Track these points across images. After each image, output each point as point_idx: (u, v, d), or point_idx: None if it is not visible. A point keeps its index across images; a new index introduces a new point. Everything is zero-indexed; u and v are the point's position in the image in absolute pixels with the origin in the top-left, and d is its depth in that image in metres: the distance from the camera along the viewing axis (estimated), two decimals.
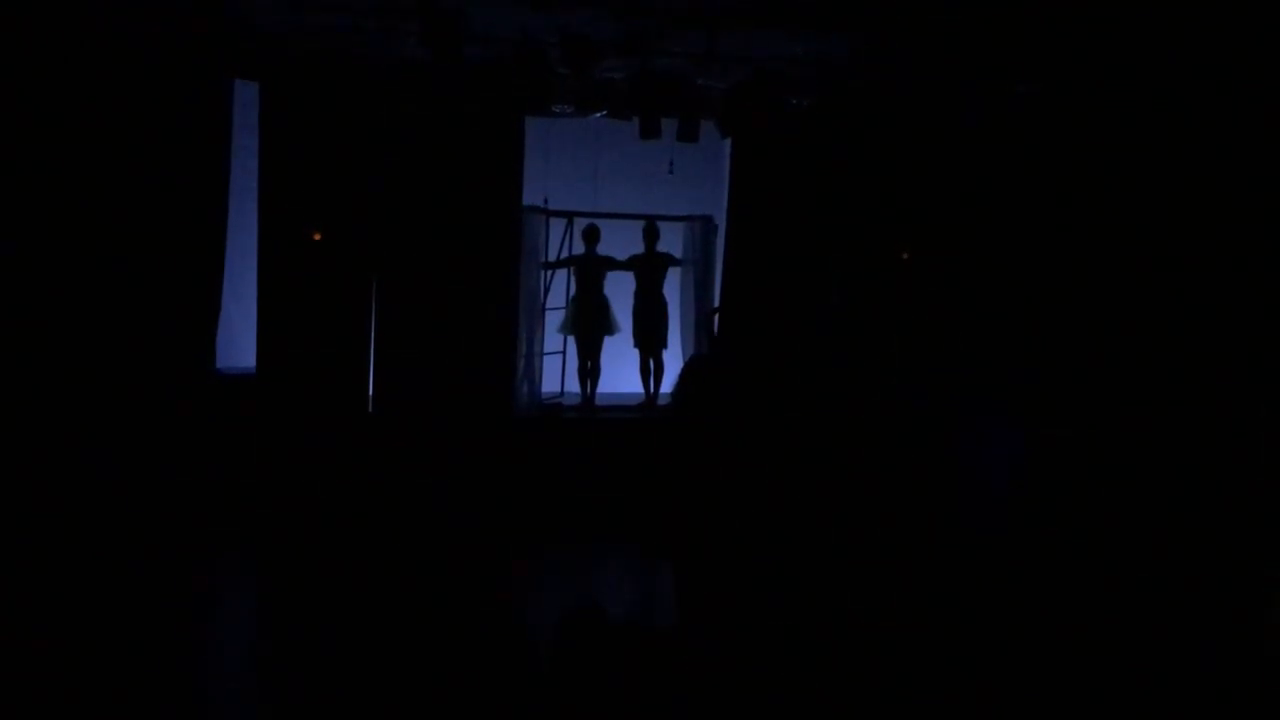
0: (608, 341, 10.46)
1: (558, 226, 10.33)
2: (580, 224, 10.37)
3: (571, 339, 10.51)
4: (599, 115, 9.91)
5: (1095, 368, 9.11)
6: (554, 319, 10.45)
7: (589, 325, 10.33)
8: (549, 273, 10.32)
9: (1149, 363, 8.67)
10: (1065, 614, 7.01)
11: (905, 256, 10.55)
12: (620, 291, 10.53)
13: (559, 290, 10.48)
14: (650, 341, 10.52)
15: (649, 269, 10.47)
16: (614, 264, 10.43)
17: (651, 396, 10.50)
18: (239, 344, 9.62)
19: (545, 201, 10.19)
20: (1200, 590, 7.07)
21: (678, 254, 10.65)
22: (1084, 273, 9.42)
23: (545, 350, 10.31)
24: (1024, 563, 8.08)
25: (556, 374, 10.57)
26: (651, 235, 10.45)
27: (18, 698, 5.40)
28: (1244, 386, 7.93)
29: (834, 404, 10.25)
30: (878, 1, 7.66)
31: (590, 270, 10.35)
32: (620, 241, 10.52)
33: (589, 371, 10.43)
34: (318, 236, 9.27)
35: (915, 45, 8.67)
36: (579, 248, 10.40)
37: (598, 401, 10.47)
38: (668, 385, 9.90)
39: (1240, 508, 7.56)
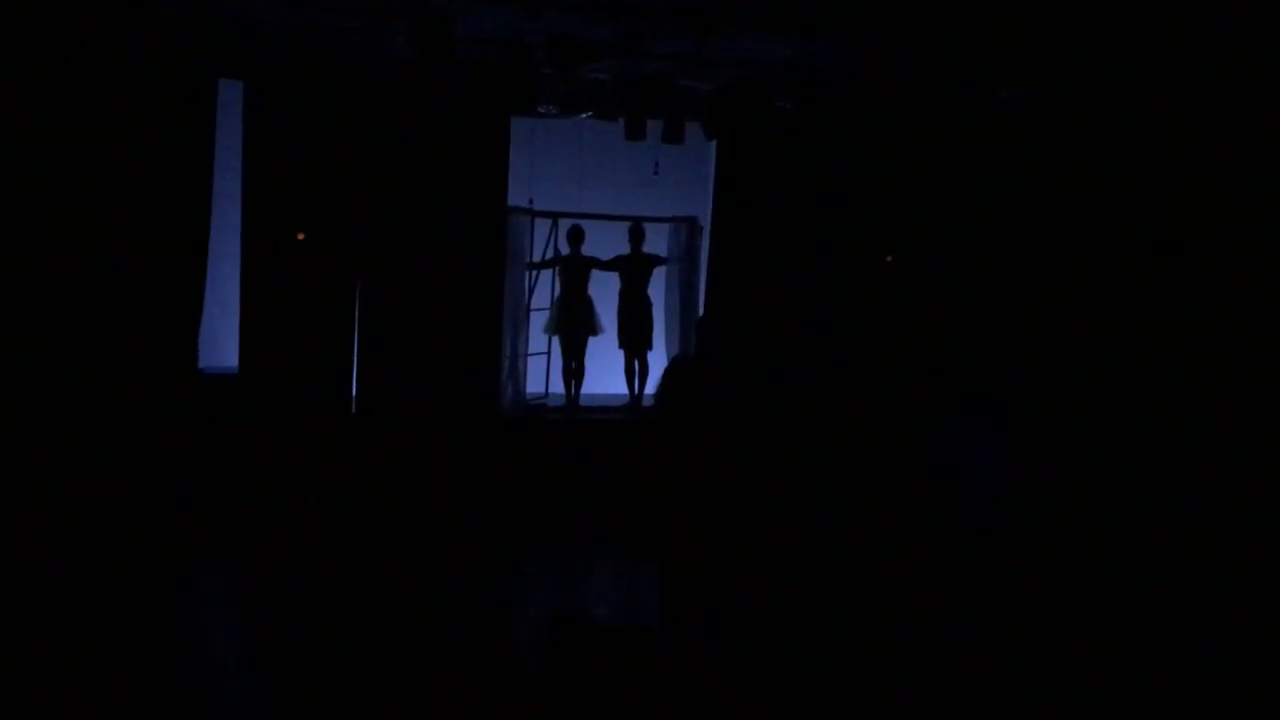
0: (592, 342, 10.45)
1: (543, 227, 10.32)
2: (565, 224, 10.36)
3: (556, 339, 10.50)
4: (585, 116, 9.90)
5: (1089, 369, 9.16)
6: (539, 319, 10.44)
7: (573, 326, 10.33)
8: (534, 273, 10.31)
9: (1143, 364, 8.72)
10: (1058, 613, 7.04)
11: (889, 259, 10.59)
12: (606, 292, 10.53)
13: (544, 291, 10.47)
14: (635, 342, 10.52)
15: (634, 270, 10.47)
16: (599, 264, 10.43)
17: (636, 397, 10.50)
18: (222, 344, 9.58)
19: (530, 202, 10.18)
20: (1196, 590, 7.11)
21: (662, 255, 10.66)
22: (1075, 274, 9.47)
23: (530, 351, 10.30)
24: (1016, 563, 8.12)
25: (541, 374, 10.56)
26: (638, 236, 10.45)
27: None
28: (1240, 386, 7.97)
29: (822, 404, 10.28)
30: (864, 5, 7.67)
31: (575, 271, 10.34)
32: (605, 242, 10.52)
33: (573, 372, 10.42)
34: (301, 236, 9.23)
35: (901, 48, 8.70)
36: (564, 248, 10.39)
37: (582, 402, 10.46)
38: (652, 386, 9.93)
39: (1237, 508, 7.61)
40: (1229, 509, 7.71)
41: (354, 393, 9.58)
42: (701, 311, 10.50)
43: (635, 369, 10.55)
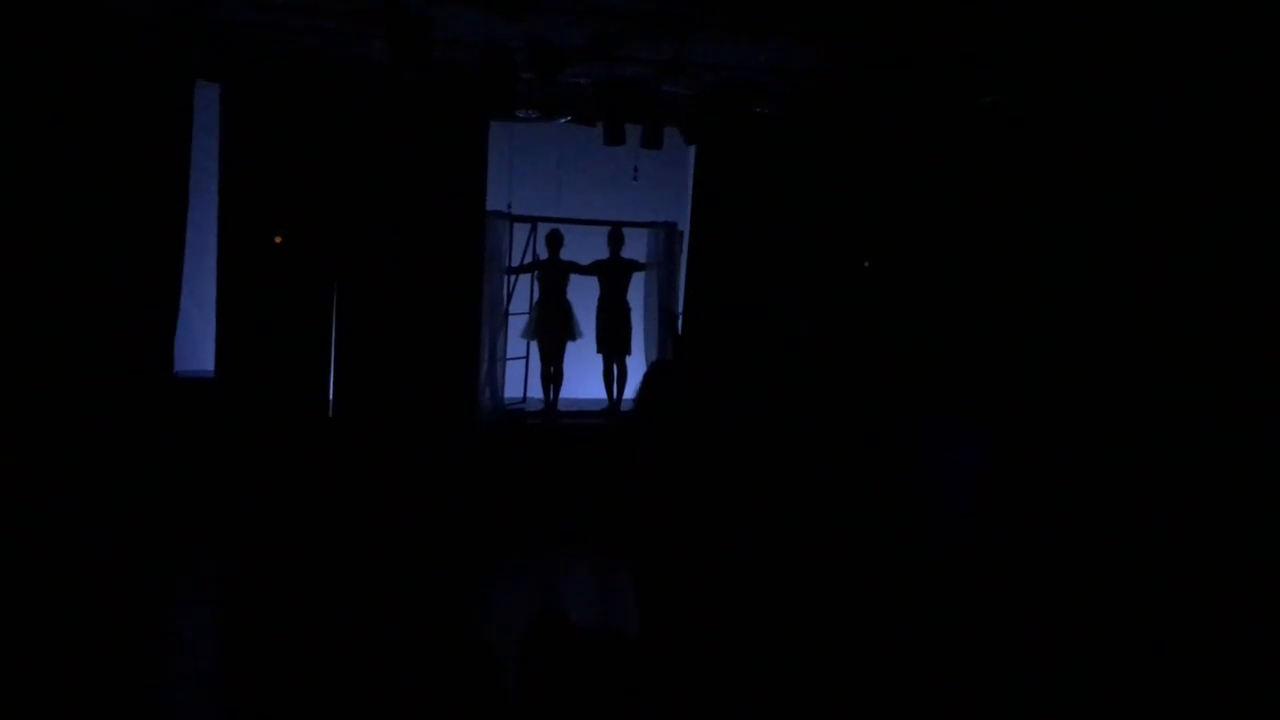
0: (571, 347, 10.45)
1: (521, 231, 10.31)
2: (544, 229, 10.37)
3: (534, 344, 10.50)
4: (564, 121, 9.90)
5: (1066, 374, 9.22)
6: (517, 324, 10.43)
7: (552, 331, 10.32)
8: (512, 278, 10.30)
9: (1120, 369, 8.77)
10: (1034, 617, 7.08)
11: (867, 265, 10.64)
12: (585, 297, 10.52)
13: (522, 295, 10.46)
14: (614, 347, 10.52)
15: (613, 275, 10.48)
16: (578, 269, 10.44)
17: (615, 402, 10.50)
18: (198, 347, 9.53)
19: (509, 206, 10.17)
20: (1172, 594, 7.15)
21: (641, 260, 10.67)
22: (1053, 279, 9.53)
23: (508, 355, 10.29)
24: (987, 571, 8.15)
25: (519, 379, 10.55)
26: (617, 241, 10.46)
27: None
28: (1216, 389, 8.04)
29: (800, 408, 10.31)
30: (843, 12, 7.71)
31: (553, 275, 10.34)
32: (584, 247, 10.52)
33: (552, 377, 10.41)
34: (279, 239, 9.19)
35: (881, 55, 8.74)
36: (543, 253, 10.39)
37: (561, 407, 10.46)
38: (631, 391, 9.93)
39: (1213, 509, 7.65)
40: (1205, 510, 7.76)
41: (331, 396, 9.55)
42: (678, 313, 10.53)
43: (614, 374, 10.55)
